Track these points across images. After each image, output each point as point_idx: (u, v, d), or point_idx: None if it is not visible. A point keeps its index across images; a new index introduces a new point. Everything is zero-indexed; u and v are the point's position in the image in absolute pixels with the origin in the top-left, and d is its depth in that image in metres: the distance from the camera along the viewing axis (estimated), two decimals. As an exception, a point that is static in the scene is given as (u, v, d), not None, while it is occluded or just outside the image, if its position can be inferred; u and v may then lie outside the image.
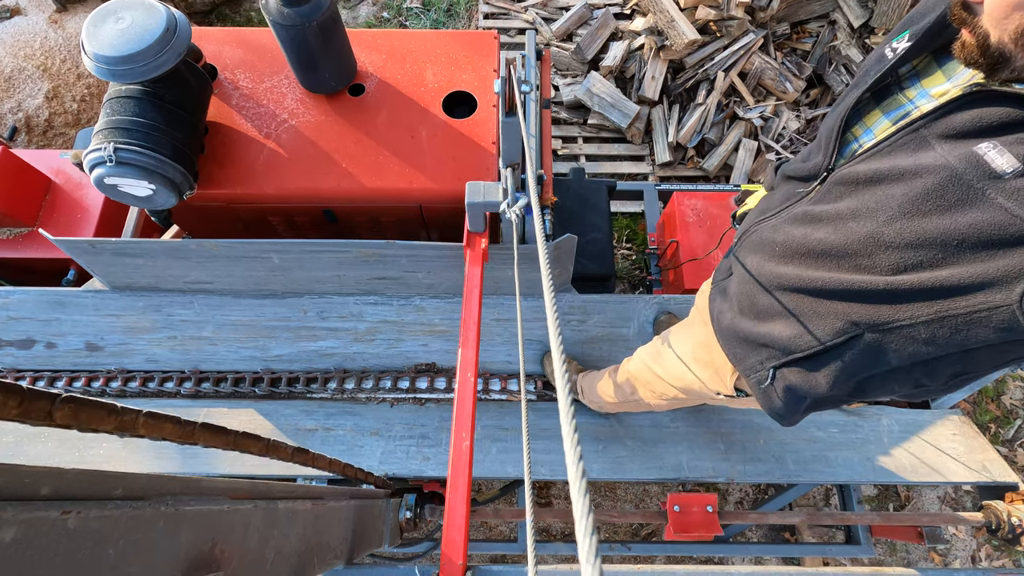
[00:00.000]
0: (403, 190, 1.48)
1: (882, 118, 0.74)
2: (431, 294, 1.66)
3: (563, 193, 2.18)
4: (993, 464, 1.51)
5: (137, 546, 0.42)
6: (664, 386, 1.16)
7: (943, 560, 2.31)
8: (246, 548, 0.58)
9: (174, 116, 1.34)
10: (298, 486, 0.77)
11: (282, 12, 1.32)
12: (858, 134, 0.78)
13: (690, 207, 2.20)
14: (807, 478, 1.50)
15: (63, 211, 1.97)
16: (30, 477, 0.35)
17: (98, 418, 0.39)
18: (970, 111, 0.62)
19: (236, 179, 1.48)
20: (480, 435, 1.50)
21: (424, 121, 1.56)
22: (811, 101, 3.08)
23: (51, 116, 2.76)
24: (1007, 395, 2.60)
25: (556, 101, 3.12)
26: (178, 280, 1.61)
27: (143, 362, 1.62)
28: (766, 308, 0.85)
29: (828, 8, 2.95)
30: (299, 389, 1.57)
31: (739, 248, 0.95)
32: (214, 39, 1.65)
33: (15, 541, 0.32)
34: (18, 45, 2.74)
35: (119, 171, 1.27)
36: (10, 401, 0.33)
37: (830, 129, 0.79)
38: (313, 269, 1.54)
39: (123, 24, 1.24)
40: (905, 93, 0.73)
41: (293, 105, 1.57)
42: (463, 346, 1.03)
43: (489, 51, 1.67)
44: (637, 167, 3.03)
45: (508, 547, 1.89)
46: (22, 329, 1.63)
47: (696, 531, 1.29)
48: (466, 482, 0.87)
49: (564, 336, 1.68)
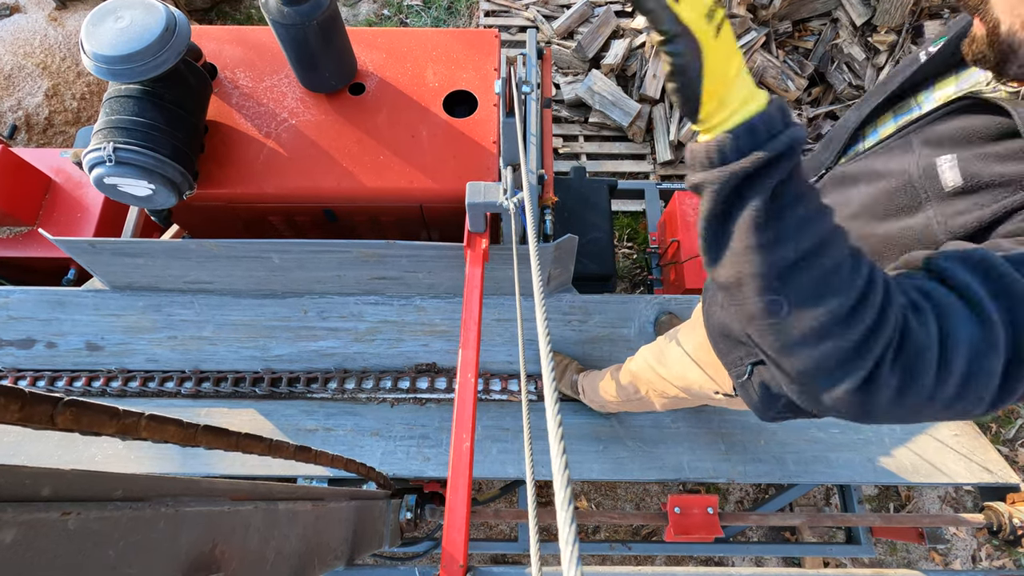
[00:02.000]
0: (403, 190, 1.48)
1: (891, 120, 0.75)
2: (432, 294, 1.66)
3: (564, 192, 2.17)
4: (994, 465, 1.51)
5: (137, 547, 0.42)
6: (666, 385, 1.17)
7: (943, 560, 2.31)
8: (246, 549, 0.58)
9: (174, 115, 1.34)
10: (299, 487, 0.77)
11: (282, 11, 1.31)
12: (866, 134, 0.78)
13: (691, 206, 2.19)
14: (808, 479, 1.49)
15: (63, 210, 1.97)
16: (30, 478, 0.35)
17: (100, 422, 0.39)
18: (956, 120, 0.63)
19: (236, 178, 1.48)
20: (480, 435, 1.50)
21: (425, 120, 1.55)
22: (813, 99, 3.08)
23: (51, 114, 2.75)
24: (1008, 395, 2.60)
25: (557, 99, 3.12)
26: (178, 280, 1.61)
27: (143, 362, 1.62)
28: None
29: (830, 6, 2.94)
30: (299, 389, 1.57)
31: None
32: (214, 38, 1.65)
33: (15, 542, 0.32)
34: (18, 43, 2.74)
35: (119, 171, 1.27)
36: (12, 405, 0.33)
37: (844, 128, 0.79)
38: (313, 269, 1.54)
39: (122, 23, 1.24)
40: (916, 96, 0.73)
41: (293, 104, 1.57)
42: (463, 346, 1.03)
43: (490, 50, 1.67)
44: (638, 166, 3.03)
45: (508, 546, 1.89)
46: (22, 329, 1.63)
47: (697, 533, 1.29)
48: (466, 483, 0.87)
49: (565, 336, 1.68)
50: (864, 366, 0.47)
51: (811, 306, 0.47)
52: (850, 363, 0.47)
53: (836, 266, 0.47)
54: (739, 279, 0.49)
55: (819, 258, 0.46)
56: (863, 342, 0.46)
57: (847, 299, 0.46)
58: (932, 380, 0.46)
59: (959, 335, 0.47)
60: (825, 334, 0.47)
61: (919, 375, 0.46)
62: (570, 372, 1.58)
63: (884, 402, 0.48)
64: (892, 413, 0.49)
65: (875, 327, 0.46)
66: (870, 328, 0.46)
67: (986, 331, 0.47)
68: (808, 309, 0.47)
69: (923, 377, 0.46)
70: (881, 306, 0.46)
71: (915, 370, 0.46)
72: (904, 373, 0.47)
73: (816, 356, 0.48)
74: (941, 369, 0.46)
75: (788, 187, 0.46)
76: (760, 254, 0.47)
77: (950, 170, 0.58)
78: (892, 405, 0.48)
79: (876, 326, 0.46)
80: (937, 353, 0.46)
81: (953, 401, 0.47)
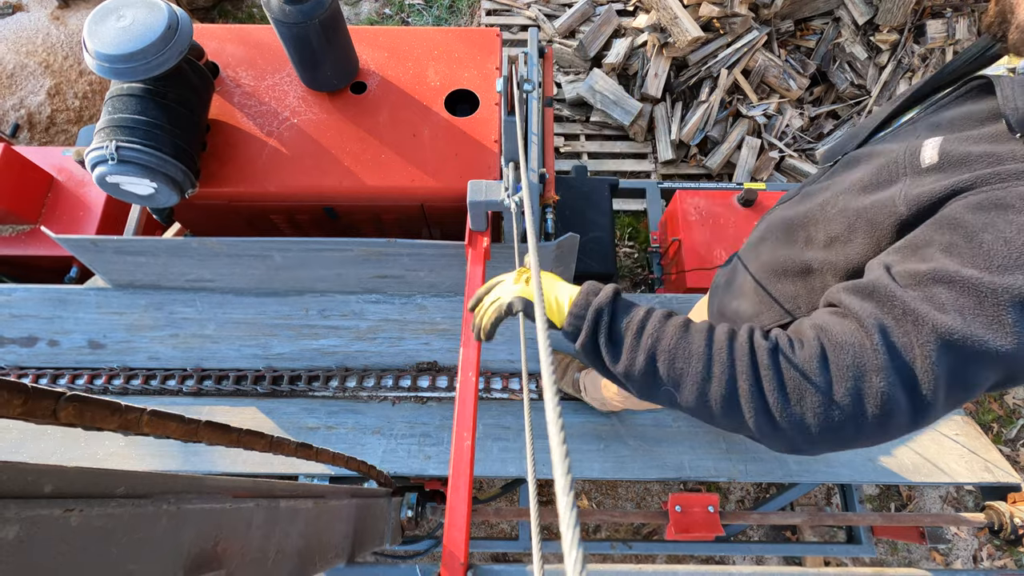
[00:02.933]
0: (405, 188, 1.48)
1: (916, 109, 0.74)
2: (433, 292, 1.66)
3: (565, 191, 2.17)
4: (996, 464, 1.51)
5: (139, 544, 0.42)
6: None
7: (945, 560, 2.31)
8: (248, 546, 0.58)
9: (176, 114, 1.34)
10: (300, 484, 0.77)
11: (284, 10, 1.31)
12: (892, 124, 0.78)
13: (693, 205, 2.19)
14: (809, 478, 1.49)
15: (65, 208, 1.97)
16: (33, 475, 0.35)
17: (102, 417, 0.39)
18: (964, 105, 0.63)
19: (238, 177, 1.48)
20: (481, 434, 1.50)
21: (426, 119, 1.55)
22: (815, 99, 3.07)
23: (53, 113, 2.76)
24: (1010, 394, 2.59)
25: (558, 98, 3.12)
26: (180, 278, 1.62)
27: (145, 360, 1.62)
28: (739, 285, 0.89)
29: (832, 5, 2.94)
30: (301, 387, 1.58)
31: (752, 233, 0.98)
32: (216, 36, 1.65)
33: (18, 539, 0.32)
34: (20, 41, 2.74)
35: (121, 169, 1.27)
36: (14, 400, 0.33)
37: (873, 118, 0.79)
38: (315, 267, 1.54)
39: (125, 22, 1.24)
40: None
41: (295, 103, 1.57)
42: (465, 345, 1.03)
43: (491, 49, 1.66)
44: (640, 165, 3.02)
45: (509, 545, 1.90)
46: (25, 327, 1.64)
47: (697, 531, 1.29)
48: (467, 481, 0.87)
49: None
50: (749, 408, 0.55)
51: (687, 387, 0.58)
52: (737, 408, 0.55)
53: (672, 355, 0.59)
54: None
55: (655, 359, 0.60)
56: (729, 394, 0.56)
57: (698, 371, 0.57)
58: (818, 396, 0.52)
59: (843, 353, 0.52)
60: (706, 400, 0.57)
61: (804, 395, 0.52)
62: (572, 370, 1.58)
63: (794, 426, 0.53)
64: (811, 436, 0.53)
65: (732, 374, 0.56)
66: (731, 377, 0.56)
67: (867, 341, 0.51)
68: (685, 390, 0.58)
69: (809, 397, 0.52)
70: (729, 360, 0.56)
71: (799, 391, 0.53)
72: (784, 395, 0.53)
73: (712, 413, 0.58)
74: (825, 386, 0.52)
75: (613, 328, 0.63)
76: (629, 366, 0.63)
77: (931, 149, 0.58)
78: (800, 429, 0.53)
79: (733, 372, 0.56)
80: (819, 370, 0.52)
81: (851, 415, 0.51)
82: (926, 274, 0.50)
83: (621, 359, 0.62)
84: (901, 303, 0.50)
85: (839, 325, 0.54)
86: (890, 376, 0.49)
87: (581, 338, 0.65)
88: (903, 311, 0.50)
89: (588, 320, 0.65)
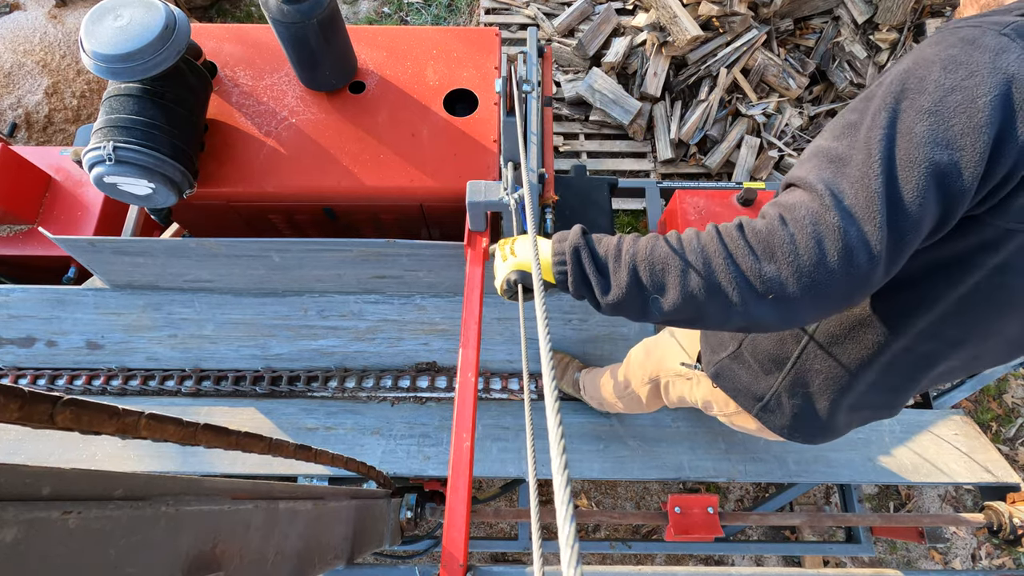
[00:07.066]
0: (404, 188, 1.48)
1: None
2: (432, 293, 1.66)
3: (564, 190, 2.17)
4: (995, 464, 1.51)
5: (138, 546, 0.42)
6: (647, 369, 1.22)
7: (943, 559, 2.32)
8: (247, 548, 0.58)
9: (174, 114, 1.34)
10: (299, 486, 0.77)
11: (282, 9, 1.31)
12: None
13: (692, 205, 2.19)
14: (808, 478, 1.49)
15: (63, 208, 1.97)
16: (31, 477, 0.35)
17: (99, 421, 0.39)
18: None
19: (236, 177, 1.48)
20: (481, 434, 1.50)
21: (425, 119, 1.55)
22: (814, 98, 3.07)
23: (51, 112, 2.75)
24: (1009, 394, 2.60)
25: (558, 97, 3.11)
26: (178, 278, 1.61)
27: (144, 360, 1.62)
28: None
29: (832, 4, 2.93)
30: (300, 388, 1.57)
31: None
32: (213, 36, 1.64)
33: (16, 541, 0.32)
34: (17, 40, 2.73)
35: (118, 170, 1.27)
36: (11, 404, 0.33)
37: None
38: (313, 268, 1.54)
39: (122, 22, 1.24)
40: None
41: (293, 103, 1.56)
42: (464, 346, 1.03)
43: (491, 48, 1.66)
44: (639, 164, 3.02)
45: (509, 545, 1.89)
46: (23, 327, 1.63)
47: (697, 532, 1.29)
48: (467, 482, 0.87)
49: (565, 335, 1.68)
50: (741, 286, 0.59)
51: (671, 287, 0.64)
52: (719, 289, 0.60)
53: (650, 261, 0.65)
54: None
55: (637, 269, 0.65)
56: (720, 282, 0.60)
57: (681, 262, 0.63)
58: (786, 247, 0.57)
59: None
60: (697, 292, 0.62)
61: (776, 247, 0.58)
62: (572, 370, 1.58)
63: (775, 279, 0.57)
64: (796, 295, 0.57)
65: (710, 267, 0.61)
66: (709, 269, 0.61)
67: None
68: (669, 292, 0.64)
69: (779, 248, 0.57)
70: (700, 247, 0.62)
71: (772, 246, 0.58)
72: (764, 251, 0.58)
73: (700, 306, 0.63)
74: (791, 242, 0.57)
75: (596, 258, 0.69)
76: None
77: None
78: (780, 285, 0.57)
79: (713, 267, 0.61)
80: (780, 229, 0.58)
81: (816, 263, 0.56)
82: (847, 125, 0.59)
83: (611, 285, 0.67)
84: (828, 152, 0.59)
85: (788, 195, 0.61)
86: (841, 213, 0.54)
87: (571, 279, 0.70)
88: (835, 158, 0.58)
89: (570, 260, 0.70)
